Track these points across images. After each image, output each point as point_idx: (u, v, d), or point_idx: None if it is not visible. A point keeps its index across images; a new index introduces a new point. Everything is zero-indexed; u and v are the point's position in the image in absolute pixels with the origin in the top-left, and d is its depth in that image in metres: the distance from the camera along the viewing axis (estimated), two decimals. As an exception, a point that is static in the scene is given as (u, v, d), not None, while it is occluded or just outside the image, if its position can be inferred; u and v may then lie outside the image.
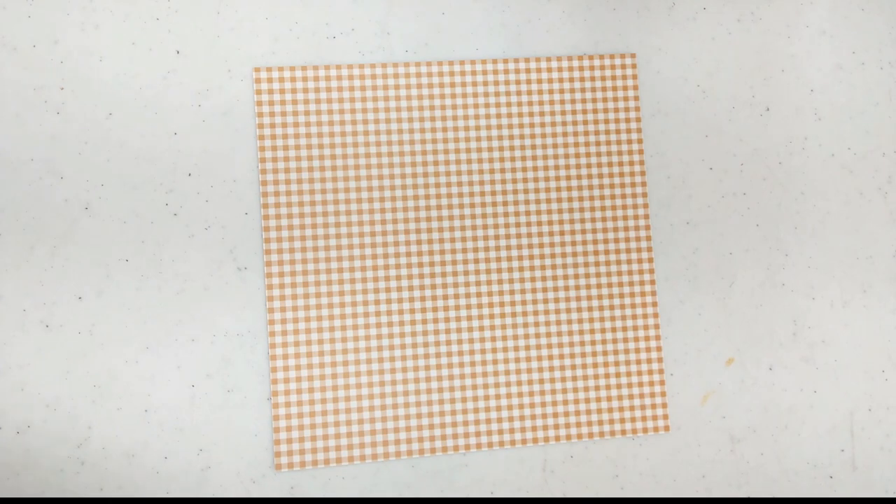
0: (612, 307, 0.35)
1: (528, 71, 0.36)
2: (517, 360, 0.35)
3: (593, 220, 0.36)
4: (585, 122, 0.37)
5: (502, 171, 0.36)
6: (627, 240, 0.36)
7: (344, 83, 0.35)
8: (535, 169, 0.36)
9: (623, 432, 0.35)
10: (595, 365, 0.35)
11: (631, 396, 0.35)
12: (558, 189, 0.36)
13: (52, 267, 0.33)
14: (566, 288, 0.36)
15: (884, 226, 0.39)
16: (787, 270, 0.38)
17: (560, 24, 0.37)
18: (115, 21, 0.35)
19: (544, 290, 0.36)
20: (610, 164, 0.37)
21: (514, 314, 0.35)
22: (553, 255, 0.36)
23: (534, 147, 0.36)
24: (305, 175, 0.35)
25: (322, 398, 0.34)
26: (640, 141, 0.37)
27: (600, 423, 0.35)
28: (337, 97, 0.35)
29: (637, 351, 0.36)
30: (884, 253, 0.38)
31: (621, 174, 0.37)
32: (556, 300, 0.36)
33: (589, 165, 0.37)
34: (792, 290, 0.38)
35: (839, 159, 0.39)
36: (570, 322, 0.36)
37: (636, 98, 0.37)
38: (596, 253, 0.36)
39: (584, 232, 0.36)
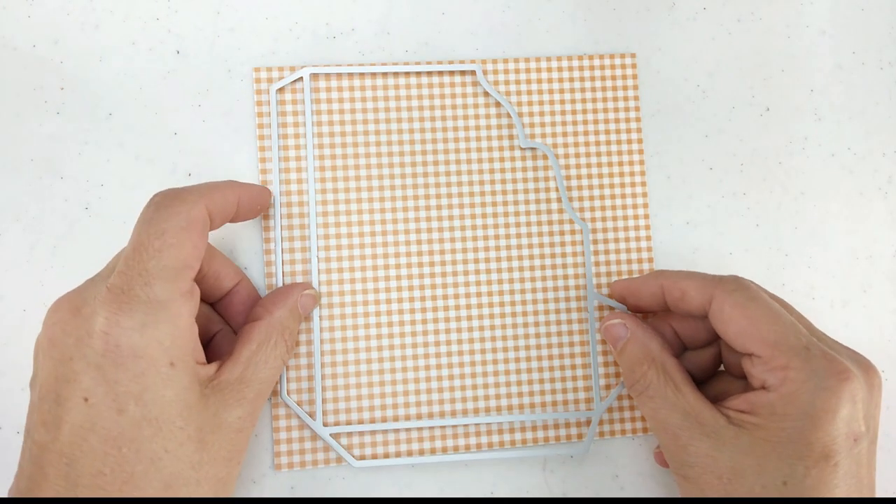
0: (612, 307, 0.35)
1: (528, 71, 0.37)
2: (517, 359, 0.35)
3: (593, 219, 0.36)
4: (585, 122, 0.37)
5: (502, 170, 0.36)
6: (627, 239, 0.36)
7: (344, 83, 0.35)
8: (535, 169, 0.36)
9: (623, 432, 0.35)
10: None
11: (630, 397, 0.35)
12: (557, 189, 0.36)
13: (52, 267, 0.33)
14: (566, 288, 0.36)
15: (884, 226, 0.39)
16: (787, 270, 0.38)
17: (560, 24, 0.37)
18: (115, 21, 0.35)
19: (544, 289, 0.36)
20: (610, 164, 0.37)
21: (513, 314, 0.35)
22: (553, 255, 0.36)
23: (534, 150, 0.36)
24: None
25: (322, 398, 0.34)
26: (640, 141, 0.37)
27: (601, 422, 0.35)
28: (337, 97, 0.35)
29: (637, 351, 0.36)
30: (884, 253, 0.38)
31: (621, 174, 0.37)
32: (556, 300, 0.36)
33: (589, 165, 0.37)
34: (792, 290, 0.38)
35: (839, 159, 0.39)
36: (569, 322, 0.36)
37: (636, 98, 0.37)
38: (596, 253, 0.36)
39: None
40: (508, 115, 0.36)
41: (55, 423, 0.24)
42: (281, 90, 0.35)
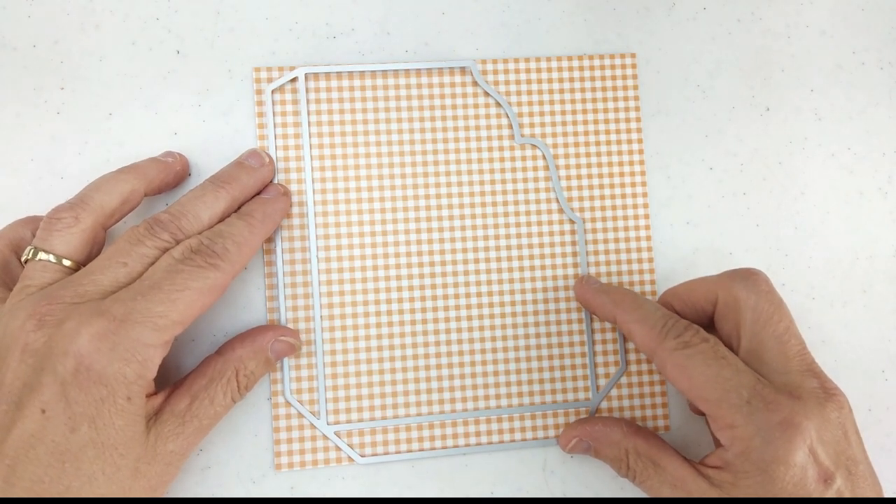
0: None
1: (527, 71, 0.37)
2: (517, 359, 0.35)
3: (593, 219, 0.36)
4: (585, 122, 0.37)
5: (502, 171, 0.36)
6: (627, 239, 0.36)
7: (343, 82, 0.35)
8: (535, 169, 0.36)
9: (623, 432, 0.35)
10: (595, 365, 0.35)
11: (631, 396, 0.35)
12: (554, 188, 0.36)
13: (52, 267, 0.33)
14: (566, 288, 0.36)
15: (884, 226, 0.39)
16: (787, 270, 0.38)
17: (560, 24, 0.37)
18: (115, 21, 0.35)
19: (544, 289, 0.36)
20: (610, 164, 0.37)
21: (513, 314, 0.35)
22: (553, 255, 0.36)
23: (534, 147, 0.36)
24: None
25: (322, 398, 0.34)
26: (640, 141, 0.37)
27: (600, 423, 0.35)
28: (336, 97, 0.35)
29: (637, 351, 0.36)
30: (884, 253, 0.38)
31: (621, 174, 0.37)
32: (556, 300, 0.36)
33: (589, 165, 0.37)
34: (792, 290, 0.38)
35: (839, 159, 0.39)
36: (569, 322, 0.36)
37: (636, 98, 0.37)
38: (596, 253, 0.36)
39: (583, 231, 0.36)
40: (507, 114, 0.36)
41: (8, 425, 0.25)
42: (281, 90, 0.35)
